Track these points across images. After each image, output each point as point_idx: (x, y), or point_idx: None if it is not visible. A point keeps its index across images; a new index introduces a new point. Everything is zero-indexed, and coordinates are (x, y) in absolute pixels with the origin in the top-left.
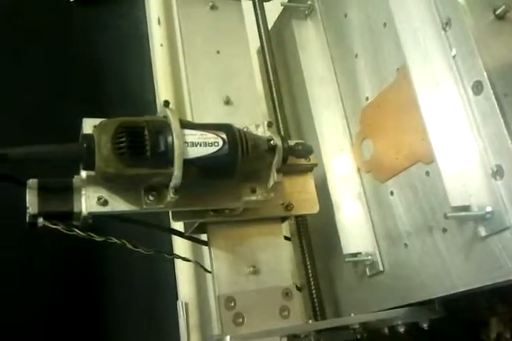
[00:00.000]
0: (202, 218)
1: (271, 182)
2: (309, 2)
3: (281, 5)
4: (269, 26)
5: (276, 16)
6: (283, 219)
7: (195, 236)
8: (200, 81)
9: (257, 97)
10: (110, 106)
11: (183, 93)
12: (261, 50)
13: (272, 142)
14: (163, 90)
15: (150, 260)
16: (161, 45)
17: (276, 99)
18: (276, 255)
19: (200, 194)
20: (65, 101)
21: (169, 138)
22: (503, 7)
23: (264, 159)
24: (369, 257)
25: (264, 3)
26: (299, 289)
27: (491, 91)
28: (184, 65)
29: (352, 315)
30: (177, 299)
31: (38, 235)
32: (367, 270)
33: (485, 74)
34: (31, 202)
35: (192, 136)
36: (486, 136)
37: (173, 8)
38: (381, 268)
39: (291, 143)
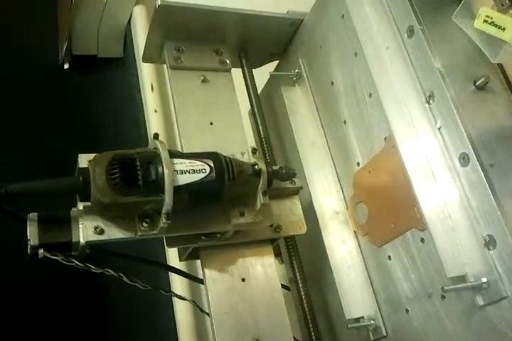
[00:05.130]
0: (194, 243)
1: (258, 205)
2: (297, 70)
3: (270, 74)
4: (259, 89)
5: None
6: (273, 241)
7: (193, 275)
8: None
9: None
10: None
11: None
12: (252, 113)
13: (256, 167)
14: None
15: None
16: (155, 110)
17: (269, 162)
18: (275, 308)
19: (191, 219)
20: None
21: (159, 168)
22: (483, 79)
23: (251, 183)
24: (372, 322)
25: (253, 69)
26: None
27: (477, 163)
28: (179, 137)
29: None
30: None
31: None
32: (370, 334)
33: (470, 146)
34: (32, 234)
35: (181, 164)
36: (476, 207)
37: (165, 76)
38: (384, 333)
39: (276, 167)
